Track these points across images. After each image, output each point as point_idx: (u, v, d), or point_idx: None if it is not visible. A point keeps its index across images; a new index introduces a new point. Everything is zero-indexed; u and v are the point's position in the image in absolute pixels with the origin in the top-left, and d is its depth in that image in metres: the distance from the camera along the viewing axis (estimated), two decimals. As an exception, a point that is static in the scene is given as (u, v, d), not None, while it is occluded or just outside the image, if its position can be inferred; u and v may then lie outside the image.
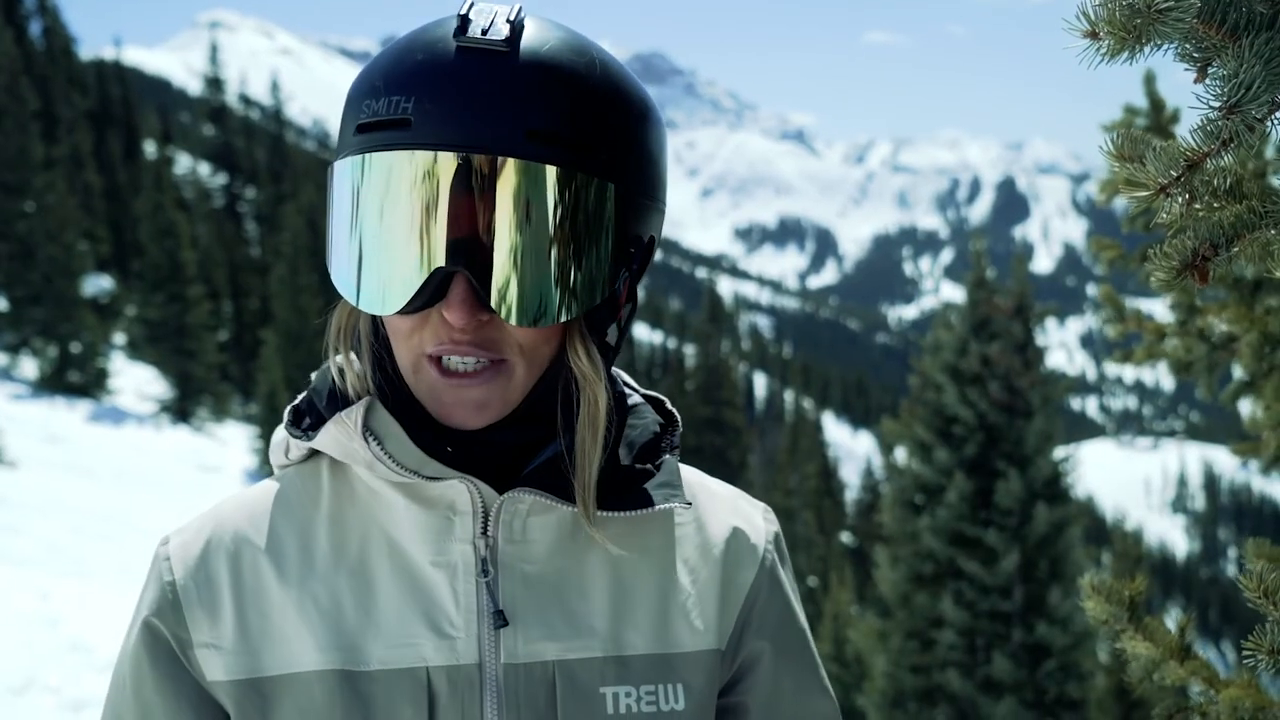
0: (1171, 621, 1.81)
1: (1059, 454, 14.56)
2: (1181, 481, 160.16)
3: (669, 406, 1.40)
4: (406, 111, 1.12)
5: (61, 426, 21.99)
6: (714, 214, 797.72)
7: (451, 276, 1.12)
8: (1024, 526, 13.72)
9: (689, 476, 1.43)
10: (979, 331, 14.44)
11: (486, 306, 1.13)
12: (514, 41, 1.13)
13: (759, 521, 1.44)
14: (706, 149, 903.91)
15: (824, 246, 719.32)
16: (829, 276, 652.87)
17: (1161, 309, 3.27)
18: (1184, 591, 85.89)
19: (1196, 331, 2.73)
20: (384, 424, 1.22)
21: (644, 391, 1.42)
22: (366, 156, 1.13)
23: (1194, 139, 0.90)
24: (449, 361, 1.17)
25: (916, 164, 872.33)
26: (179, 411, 30.70)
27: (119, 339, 36.44)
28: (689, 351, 51.98)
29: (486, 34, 1.12)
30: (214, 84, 52.86)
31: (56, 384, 27.80)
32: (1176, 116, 3.46)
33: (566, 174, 1.13)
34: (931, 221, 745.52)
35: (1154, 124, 3.41)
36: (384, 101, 1.13)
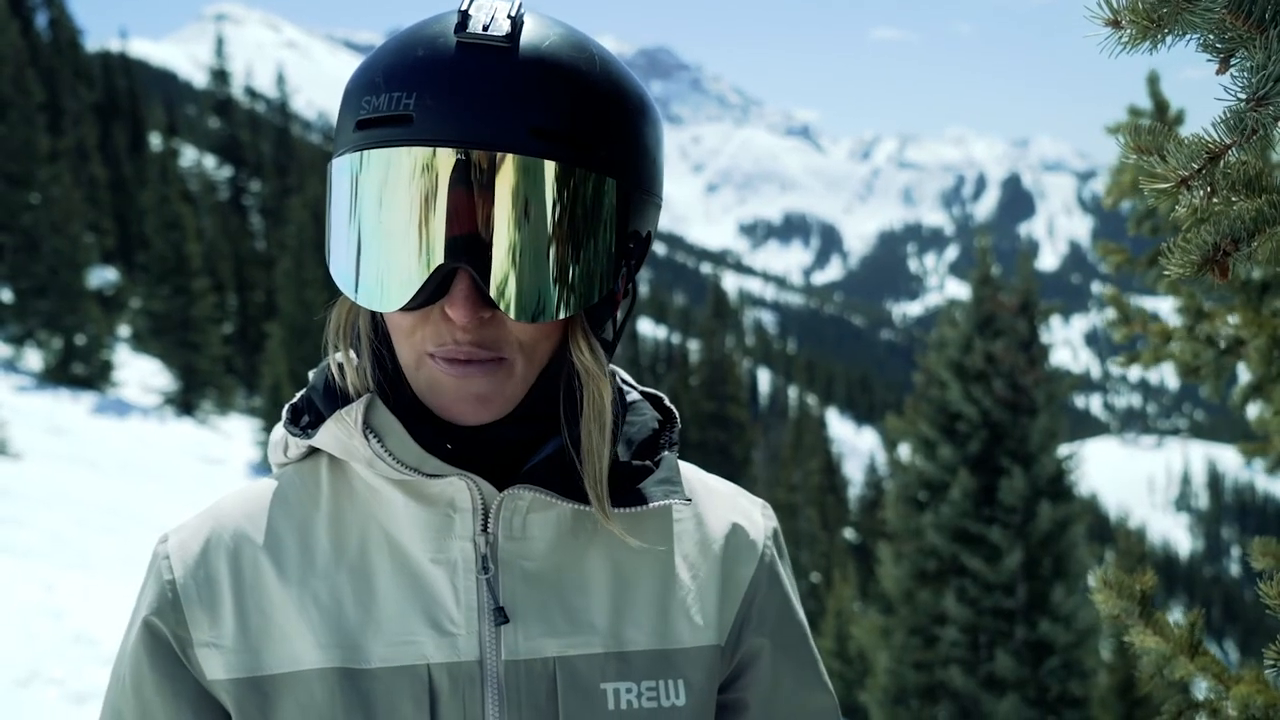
0: (1175, 621, 1.80)
1: (1063, 451, 14.56)
2: (1185, 480, 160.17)
3: (667, 404, 1.40)
4: (408, 108, 1.11)
5: (66, 419, 22.02)
6: (719, 209, 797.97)
7: (454, 273, 1.12)
8: (1027, 524, 13.72)
9: (688, 473, 1.43)
10: (984, 328, 14.44)
11: (488, 303, 1.13)
12: (515, 38, 1.12)
13: (758, 518, 1.44)
14: (712, 144, 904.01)
15: (829, 243, 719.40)
16: (834, 273, 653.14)
17: (1167, 310, 3.26)
18: (1187, 590, 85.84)
19: (1204, 335, 2.71)
20: (384, 421, 1.21)
21: (642, 388, 1.42)
22: (367, 153, 1.12)
23: (1216, 131, 0.89)
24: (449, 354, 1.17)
25: (922, 161, 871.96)
26: (183, 404, 30.72)
27: (124, 331, 36.48)
28: (693, 347, 52.03)
29: (488, 30, 1.12)
30: (220, 77, 52.91)
31: (61, 376, 27.84)
32: (1181, 117, 3.45)
33: (569, 170, 1.12)
34: (937, 218, 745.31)
35: (1157, 124, 3.39)
36: (385, 97, 1.13)
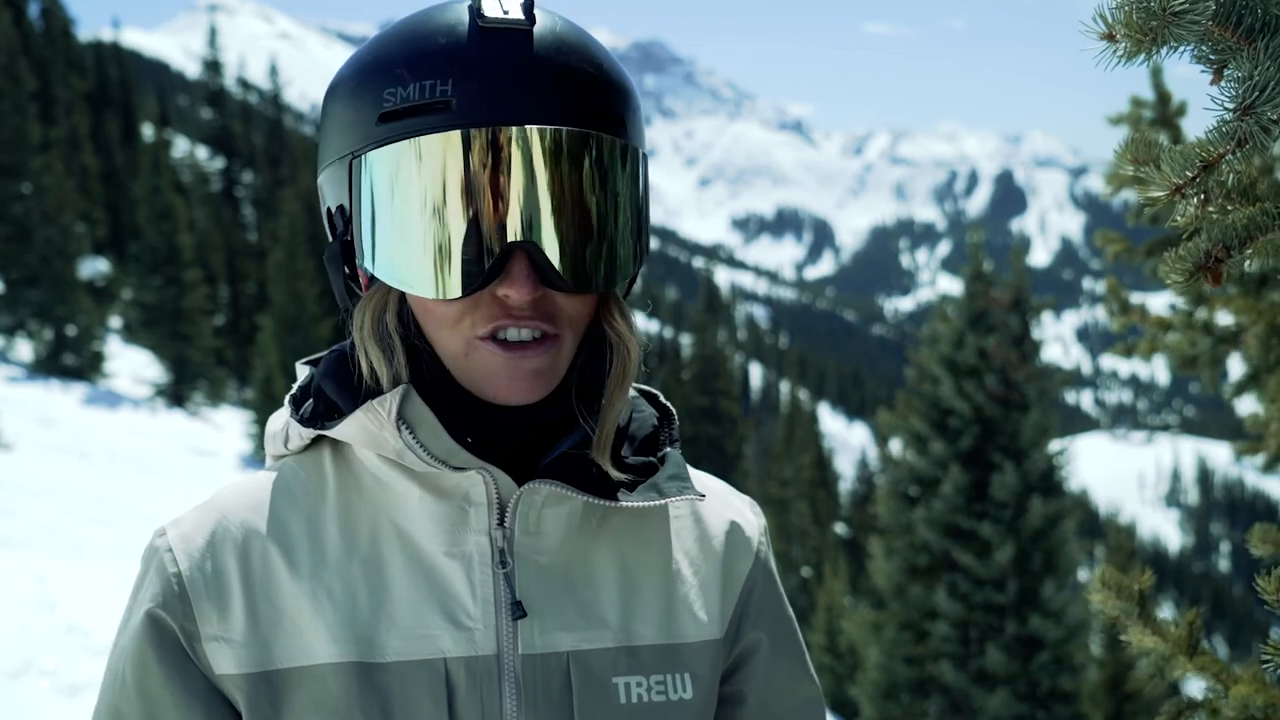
0: (1165, 617, 1.81)
1: (1054, 447, 14.59)
2: (1175, 476, 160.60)
3: (663, 400, 1.41)
4: (445, 94, 1.12)
5: (57, 409, 21.95)
6: (712, 203, 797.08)
7: (509, 253, 1.13)
8: (1019, 519, 13.75)
9: None
10: (976, 324, 14.45)
11: (544, 281, 1.14)
12: (532, 20, 1.15)
13: (750, 515, 1.46)
14: (705, 138, 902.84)
15: (821, 237, 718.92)
16: (826, 267, 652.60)
17: (1162, 303, 3.28)
18: (1177, 586, 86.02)
19: (1201, 325, 2.73)
20: (419, 413, 1.20)
21: (638, 386, 1.43)
22: (415, 141, 1.12)
23: (1210, 139, 0.90)
24: (507, 334, 1.17)
25: (915, 156, 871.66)
26: (174, 395, 30.65)
27: (115, 322, 36.40)
28: (685, 341, 51.92)
29: (508, 14, 1.14)
30: (212, 67, 52.62)
31: (52, 367, 27.76)
32: (1184, 109, 3.46)
33: (612, 143, 1.17)
34: (929, 213, 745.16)
35: (1160, 116, 3.41)
36: (414, 87, 1.13)
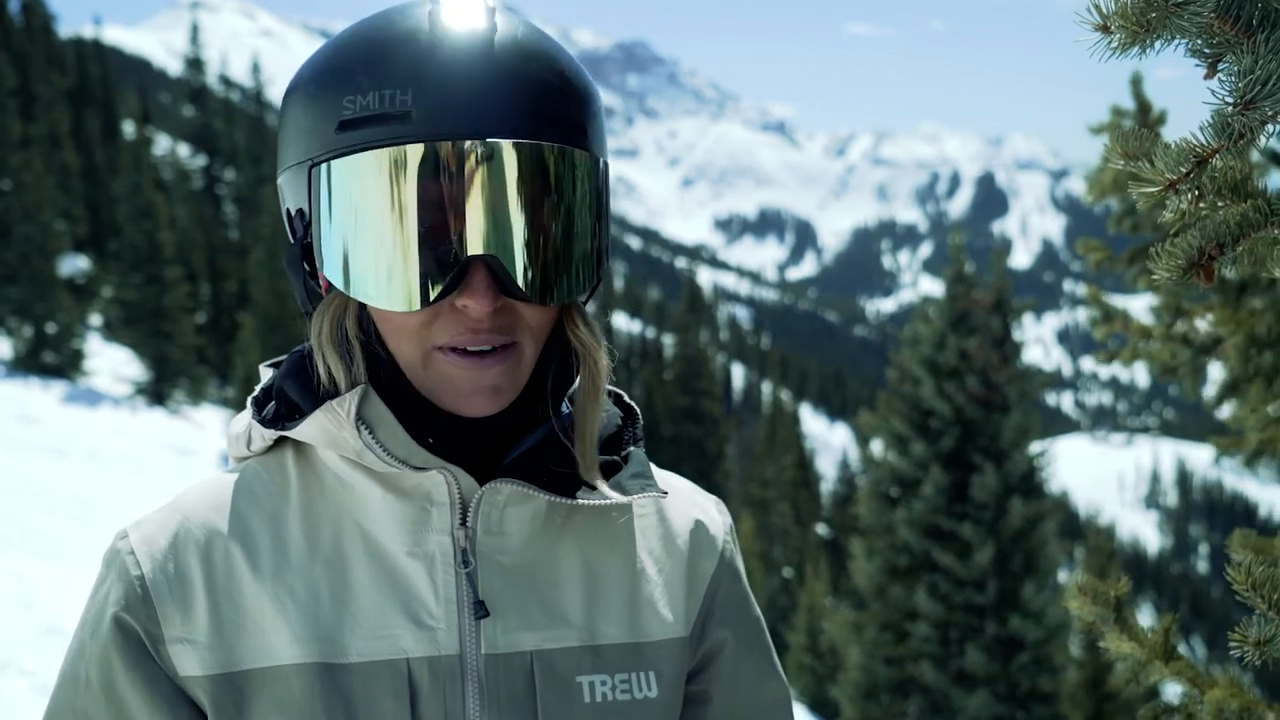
0: (1144, 619, 1.81)
1: (1034, 449, 14.66)
2: (1154, 478, 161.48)
3: (627, 400, 1.40)
4: (405, 104, 1.11)
5: (36, 407, 21.84)
6: (694, 204, 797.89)
7: (469, 265, 1.12)
8: (999, 520, 13.81)
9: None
10: (957, 325, 14.51)
11: (504, 291, 1.14)
12: (493, 28, 1.14)
13: (715, 514, 1.46)
14: (688, 139, 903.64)
15: (803, 238, 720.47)
16: (808, 268, 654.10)
17: (1142, 307, 3.28)
18: (1155, 587, 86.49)
19: (1181, 335, 2.74)
20: (378, 413, 1.20)
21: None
22: (375, 154, 1.11)
23: (1204, 135, 0.90)
24: (465, 347, 1.17)
25: (897, 157, 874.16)
26: (155, 394, 30.51)
27: (95, 320, 36.20)
28: (668, 341, 52.00)
29: (468, 22, 1.14)
30: (194, 65, 52.47)
31: (31, 364, 27.61)
32: (1164, 118, 3.47)
33: (571, 153, 1.16)
34: (911, 215, 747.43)
35: (1141, 126, 3.42)
36: (374, 96, 1.12)
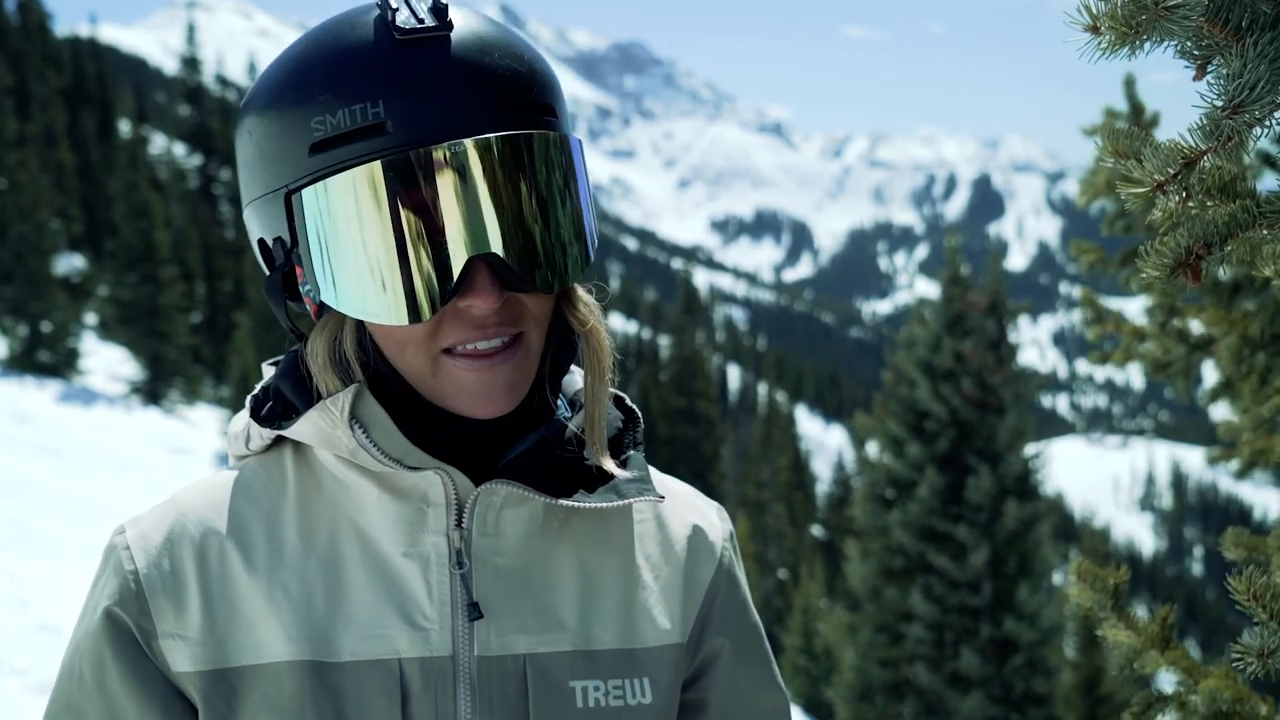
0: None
1: (1029, 451, 14.67)
2: (1149, 480, 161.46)
3: (629, 403, 1.39)
4: (378, 116, 1.09)
5: (31, 406, 21.80)
6: (691, 205, 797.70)
7: (469, 265, 1.12)
8: (994, 522, 13.81)
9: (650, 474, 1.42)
10: (953, 327, 14.52)
11: (507, 285, 1.14)
12: (448, 25, 1.12)
13: (715, 519, 1.44)
14: (684, 140, 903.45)
15: (800, 240, 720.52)
16: (804, 270, 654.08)
17: (1137, 310, 3.29)
18: (1150, 589, 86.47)
19: (1175, 333, 2.74)
20: (372, 413, 1.20)
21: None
22: (359, 170, 1.09)
23: (1192, 137, 0.91)
24: (475, 346, 1.16)
25: (893, 159, 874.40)
26: (150, 393, 30.46)
27: (90, 319, 36.13)
28: (663, 342, 52.04)
29: (423, 22, 1.11)
30: (190, 64, 52.31)
31: (26, 363, 27.57)
32: (1157, 120, 3.49)
33: (551, 137, 1.15)
34: (907, 217, 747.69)
35: (1134, 127, 3.42)
36: (344, 113, 1.10)
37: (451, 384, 1.17)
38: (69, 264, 35.24)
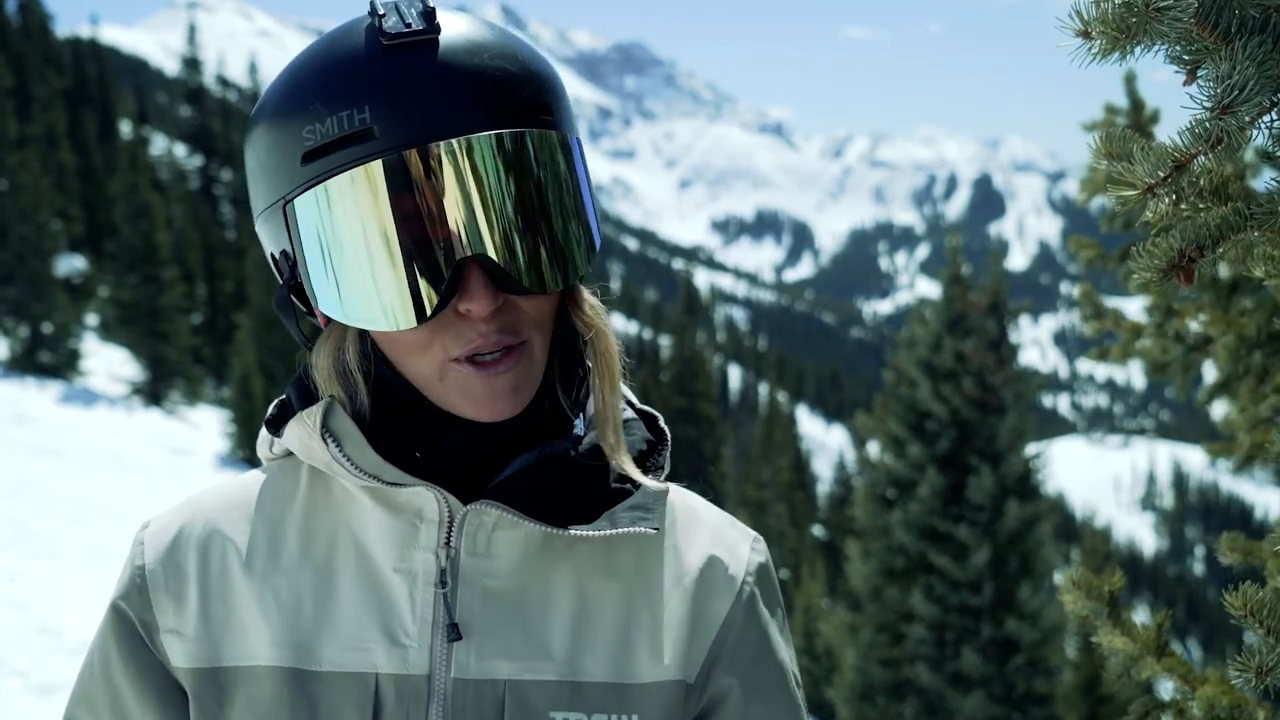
0: (1140, 619, 1.82)
1: (1030, 451, 14.66)
2: (1151, 479, 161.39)
3: (661, 425, 1.34)
4: (364, 122, 1.09)
5: (32, 407, 21.82)
6: (691, 205, 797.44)
7: (462, 269, 1.10)
8: (995, 522, 13.81)
9: (676, 499, 1.35)
10: (954, 327, 14.51)
11: (502, 288, 1.12)
12: (436, 27, 1.12)
13: (743, 551, 1.35)
14: (685, 140, 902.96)
15: (801, 240, 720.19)
16: (805, 270, 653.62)
17: (1136, 308, 3.30)
18: (1151, 589, 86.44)
19: (1173, 332, 2.74)
20: (343, 427, 1.20)
21: (640, 406, 1.37)
22: (345, 176, 1.09)
23: (1182, 140, 0.91)
24: (478, 356, 1.15)
25: (894, 159, 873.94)
26: (151, 394, 30.46)
27: (91, 320, 36.14)
28: (664, 343, 52.00)
29: (409, 27, 1.11)
30: (191, 65, 52.35)
31: (27, 364, 27.59)
32: (1156, 116, 3.49)
33: (543, 136, 1.14)
34: (908, 217, 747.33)
35: (1134, 123, 3.44)
36: (332, 121, 1.10)
37: (456, 390, 1.16)
38: (70, 265, 35.28)
